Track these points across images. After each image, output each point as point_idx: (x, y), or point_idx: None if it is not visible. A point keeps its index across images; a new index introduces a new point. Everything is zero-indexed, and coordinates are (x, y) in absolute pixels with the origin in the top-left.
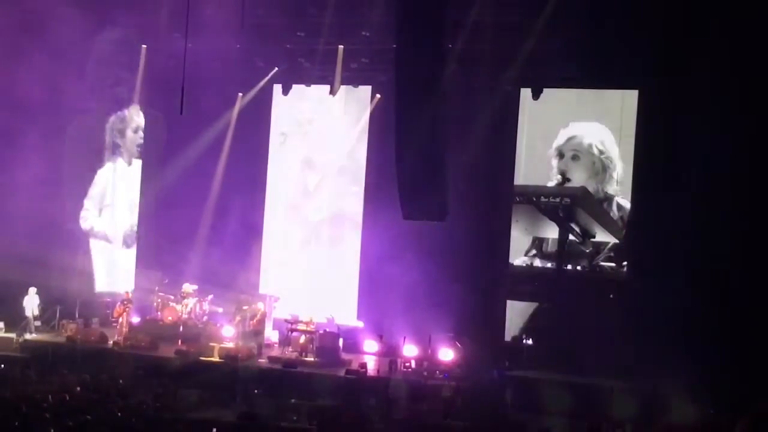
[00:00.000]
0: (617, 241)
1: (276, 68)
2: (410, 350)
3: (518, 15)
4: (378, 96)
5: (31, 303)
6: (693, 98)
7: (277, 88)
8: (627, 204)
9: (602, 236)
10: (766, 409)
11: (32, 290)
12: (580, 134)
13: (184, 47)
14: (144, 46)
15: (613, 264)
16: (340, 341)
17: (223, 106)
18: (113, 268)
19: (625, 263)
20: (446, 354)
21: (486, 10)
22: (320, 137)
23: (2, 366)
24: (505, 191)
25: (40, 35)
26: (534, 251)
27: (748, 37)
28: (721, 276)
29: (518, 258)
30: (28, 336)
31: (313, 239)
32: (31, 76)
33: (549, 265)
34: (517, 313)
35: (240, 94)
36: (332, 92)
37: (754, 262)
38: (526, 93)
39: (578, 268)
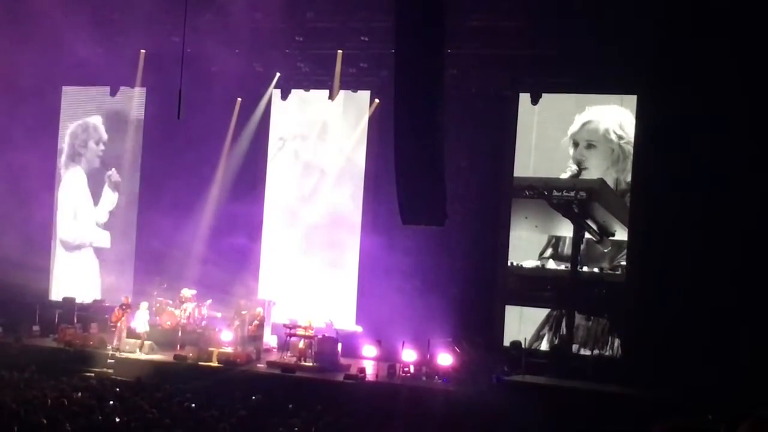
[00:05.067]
0: None
1: (278, 74)
2: (409, 355)
3: (517, 20)
4: (377, 101)
5: (143, 319)
6: (692, 102)
7: (276, 93)
8: None
9: (622, 234)
10: (765, 416)
11: (144, 305)
12: (596, 119)
13: (182, 52)
14: (143, 50)
15: None
16: (339, 346)
17: (222, 111)
18: (94, 275)
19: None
20: (445, 359)
21: (485, 16)
22: (319, 142)
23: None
24: (505, 195)
25: (33, 37)
26: (550, 251)
27: (749, 38)
28: (725, 280)
29: (530, 260)
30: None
31: (312, 244)
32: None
33: (564, 267)
34: (527, 319)
35: (239, 99)
36: (331, 97)
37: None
38: (525, 97)
39: (595, 270)
